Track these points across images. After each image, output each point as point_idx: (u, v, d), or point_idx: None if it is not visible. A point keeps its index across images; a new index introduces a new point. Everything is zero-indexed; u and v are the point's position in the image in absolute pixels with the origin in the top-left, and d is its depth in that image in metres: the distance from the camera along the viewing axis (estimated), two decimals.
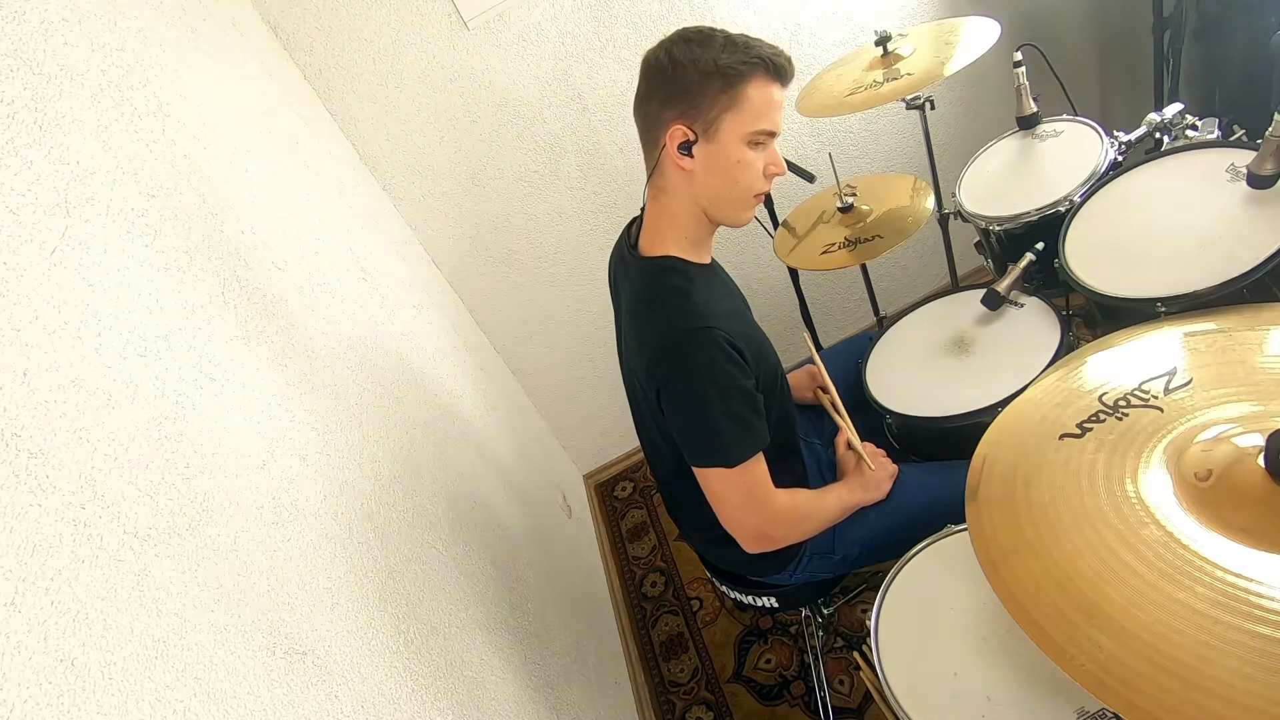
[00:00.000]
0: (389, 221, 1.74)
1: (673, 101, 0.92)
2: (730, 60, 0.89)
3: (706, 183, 0.96)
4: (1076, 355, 0.84)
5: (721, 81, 0.89)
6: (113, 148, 0.78)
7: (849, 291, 2.33)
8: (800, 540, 1.10)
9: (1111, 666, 0.53)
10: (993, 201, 1.34)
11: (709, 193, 0.97)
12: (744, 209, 1.00)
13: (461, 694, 0.94)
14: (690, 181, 0.96)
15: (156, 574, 0.58)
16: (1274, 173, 0.92)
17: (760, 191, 0.99)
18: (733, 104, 0.90)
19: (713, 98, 0.90)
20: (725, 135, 0.92)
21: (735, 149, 0.93)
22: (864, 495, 1.11)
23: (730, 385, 0.93)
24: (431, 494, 1.16)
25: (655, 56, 0.93)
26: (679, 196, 0.98)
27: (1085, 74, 2.20)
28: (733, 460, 0.94)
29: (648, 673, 1.86)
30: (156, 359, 0.69)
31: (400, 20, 1.64)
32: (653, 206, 1.02)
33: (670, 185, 0.98)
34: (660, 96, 0.93)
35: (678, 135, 0.92)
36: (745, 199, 0.99)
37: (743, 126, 0.92)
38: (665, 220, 1.01)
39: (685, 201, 0.98)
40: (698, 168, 0.94)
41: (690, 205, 0.99)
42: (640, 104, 0.97)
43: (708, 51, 0.89)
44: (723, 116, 0.91)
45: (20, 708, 0.44)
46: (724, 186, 0.96)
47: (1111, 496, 0.63)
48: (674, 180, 0.97)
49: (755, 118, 0.92)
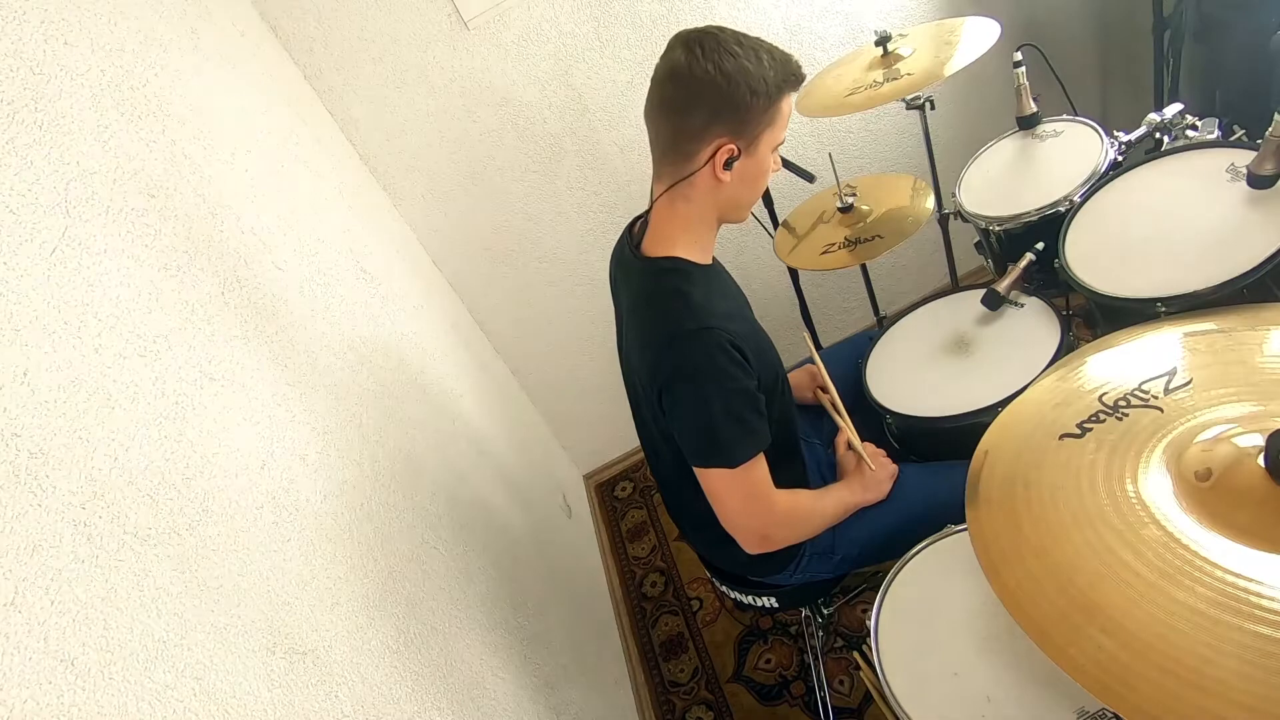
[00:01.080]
0: (389, 221, 1.74)
1: (722, 117, 0.89)
2: (773, 79, 0.89)
3: (735, 192, 0.98)
4: (1076, 355, 0.84)
5: (767, 100, 0.90)
6: (113, 148, 0.78)
7: (849, 291, 2.33)
8: (800, 541, 1.10)
9: (1111, 666, 0.53)
10: (993, 201, 1.34)
11: (733, 199, 0.99)
12: (749, 206, 1.04)
13: (461, 694, 0.94)
14: (719, 191, 0.97)
15: (156, 574, 0.58)
16: (1274, 173, 0.92)
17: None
18: (771, 121, 0.93)
19: (759, 116, 0.91)
20: (763, 149, 0.95)
21: (767, 160, 0.97)
22: (864, 495, 1.11)
23: (732, 386, 0.93)
24: (431, 494, 1.16)
25: (700, 68, 0.87)
26: (703, 204, 0.98)
27: (1085, 74, 2.19)
28: (734, 461, 0.94)
29: (648, 673, 1.86)
30: (156, 359, 0.69)
31: (400, 20, 1.64)
32: (666, 211, 1.00)
33: (697, 194, 0.97)
34: (708, 111, 0.89)
35: (725, 153, 0.91)
36: (753, 200, 1.03)
37: (775, 139, 0.95)
38: (679, 224, 1.00)
39: (707, 208, 0.99)
40: (734, 180, 0.95)
41: (711, 211, 1.00)
42: (675, 113, 0.92)
43: (757, 68, 0.88)
44: (764, 133, 0.93)
45: (20, 708, 0.44)
46: (748, 193, 0.99)
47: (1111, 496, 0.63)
48: (703, 190, 0.96)
49: (783, 129, 0.96)
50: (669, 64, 0.90)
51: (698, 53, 0.87)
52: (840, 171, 1.58)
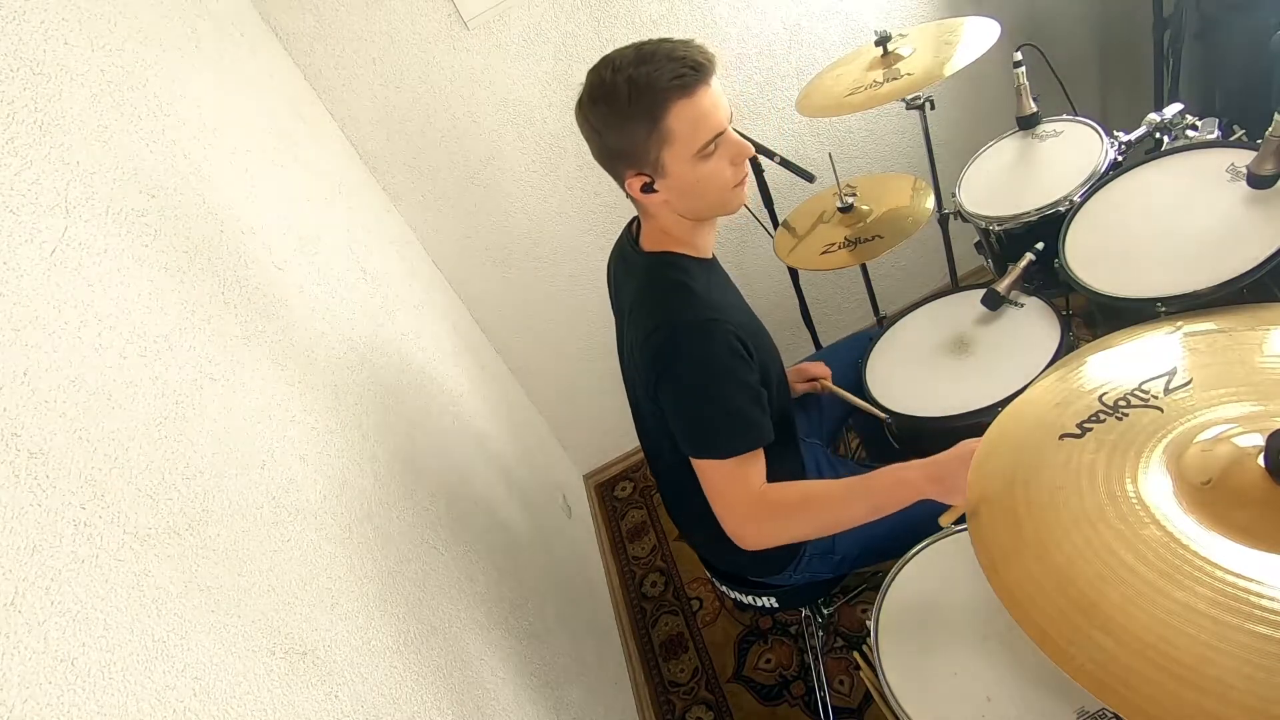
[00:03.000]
0: (389, 221, 1.74)
1: (614, 160, 0.96)
2: (641, 103, 0.88)
3: (682, 202, 0.97)
4: (1076, 355, 0.84)
5: (645, 127, 0.89)
6: (113, 148, 0.78)
7: (849, 291, 2.33)
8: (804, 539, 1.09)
9: (1111, 666, 0.53)
10: (993, 201, 1.34)
11: (688, 206, 0.99)
12: (727, 202, 0.99)
13: (461, 694, 0.94)
14: (668, 205, 0.98)
15: (156, 574, 0.58)
16: (1274, 173, 0.92)
17: (737, 181, 0.97)
18: (664, 140, 0.90)
19: (643, 142, 0.90)
20: (673, 166, 0.92)
21: (690, 171, 0.92)
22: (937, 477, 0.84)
23: (732, 378, 0.93)
24: (431, 494, 1.16)
25: (582, 121, 0.96)
26: (663, 216, 1.01)
27: (1085, 74, 2.19)
28: (730, 451, 0.93)
29: (648, 673, 1.86)
30: (156, 359, 0.69)
31: (400, 20, 1.64)
32: (645, 220, 1.05)
33: (652, 210, 1.01)
34: (603, 159, 0.98)
35: (635, 183, 0.95)
36: (722, 197, 0.98)
37: (683, 152, 0.91)
38: (659, 227, 1.03)
39: (671, 217, 1.01)
40: (670, 194, 0.96)
41: (674, 219, 1.01)
42: (596, 158, 0.99)
43: (615, 105, 0.89)
44: (661, 153, 0.91)
45: (20, 708, 0.44)
46: (697, 201, 0.97)
47: (1111, 496, 0.63)
48: (655, 207, 1.00)
49: (692, 137, 0.90)
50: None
51: (580, 110, 0.96)
52: (840, 171, 1.58)
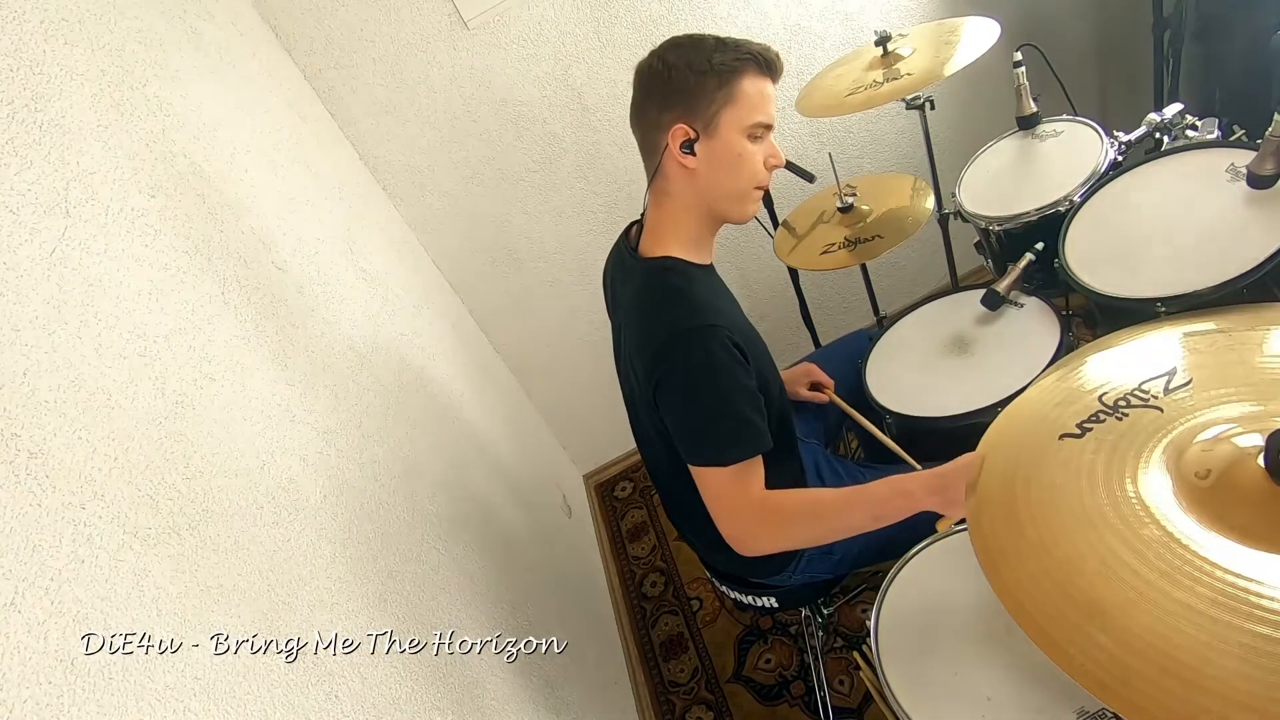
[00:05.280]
0: (389, 221, 1.74)
1: (671, 103, 0.95)
2: (723, 58, 0.92)
3: (710, 179, 0.97)
4: (1076, 355, 0.84)
5: (717, 79, 0.92)
6: (113, 148, 0.78)
7: (849, 291, 2.33)
8: (802, 547, 1.09)
9: (1111, 666, 0.53)
10: (993, 201, 1.34)
11: (713, 188, 0.98)
12: (747, 202, 1.02)
13: (461, 694, 0.94)
14: (694, 179, 0.97)
15: (156, 574, 0.58)
16: (1274, 173, 0.92)
17: (761, 184, 1.00)
18: (730, 99, 0.93)
19: (710, 95, 0.93)
20: (725, 130, 0.95)
21: (736, 142, 0.96)
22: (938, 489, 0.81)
23: (730, 383, 0.92)
24: (431, 494, 1.16)
25: (649, 65, 0.96)
26: (683, 196, 1.00)
27: (1085, 74, 2.19)
28: (728, 459, 0.92)
29: (648, 673, 1.86)
30: (156, 359, 0.69)
31: (400, 20, 1.64)
32: (655, 210, 1.03)
33: (674, 187, 0.99)
34: (658, 101, 0.96)
35: (679, 135, 0.95)
36: (747, 191, 1.00)
37: (741, 120, 0.95)
38: (668, 222, 1.02)
39: (689, 201, 1.00)
40: (701, 165, 0.96)
41: (694, 203, 1.00)
42: (637, 112, 1.00)
43: (700, 53, 0.93)
44: (721, 112, 0.94)
45: (20, 708, 0.44)
46: (727, 180, 0.98)
47: (1111, 496, 0.63)
48: (677, 181, 0.98)
49: (752, 110, 0.95)
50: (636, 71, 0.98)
51: (653, 54, 0.96)
52: (840, 171, 1.59)
